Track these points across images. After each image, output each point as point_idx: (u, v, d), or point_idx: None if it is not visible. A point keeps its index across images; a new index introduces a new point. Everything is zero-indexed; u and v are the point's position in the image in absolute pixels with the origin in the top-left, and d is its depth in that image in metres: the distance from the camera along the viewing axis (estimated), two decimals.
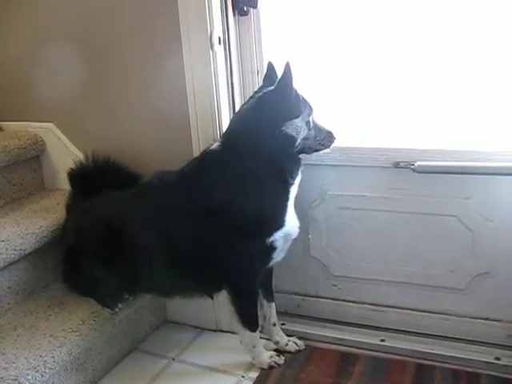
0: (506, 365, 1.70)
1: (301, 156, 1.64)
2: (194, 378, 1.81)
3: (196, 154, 1.78)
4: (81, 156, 2.00)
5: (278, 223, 1.62)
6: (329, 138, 1.67)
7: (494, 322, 1.78)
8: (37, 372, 1.51)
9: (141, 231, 1.68)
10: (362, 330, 1.93)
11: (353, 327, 1.95)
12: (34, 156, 2.13)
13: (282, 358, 1.81)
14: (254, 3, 1.78)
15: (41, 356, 1.55)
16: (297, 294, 2.05)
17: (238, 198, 1.56)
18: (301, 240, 1.84)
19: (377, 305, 1.93)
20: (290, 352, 1.85)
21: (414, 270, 1.84)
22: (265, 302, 1.84)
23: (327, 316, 2.00)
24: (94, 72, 1.98)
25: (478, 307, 1.79)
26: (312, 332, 1.95)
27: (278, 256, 1.69)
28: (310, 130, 1.62)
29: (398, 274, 1.87)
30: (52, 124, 2.12)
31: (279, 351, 1.85)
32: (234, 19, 1.81)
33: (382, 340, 1.87)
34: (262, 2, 1.79)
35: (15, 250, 1.72)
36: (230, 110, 1.85)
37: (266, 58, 1.80)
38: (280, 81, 1.56)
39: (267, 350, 1.84)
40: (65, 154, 2.10)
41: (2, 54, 2.16)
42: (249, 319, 1.73)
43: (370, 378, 1.71)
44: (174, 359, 1.90)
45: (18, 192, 2.10)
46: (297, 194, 1.68)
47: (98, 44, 1.94)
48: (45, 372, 1.53)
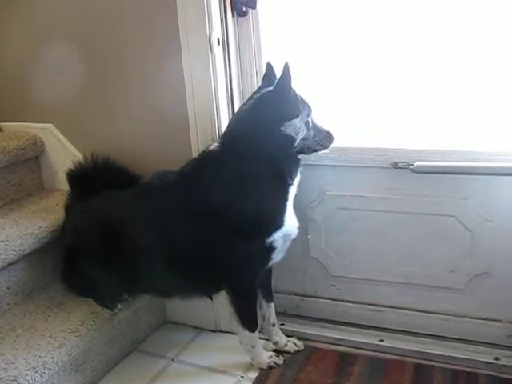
0: (505, 365, 1.71)
1: (300, 156, 1.64)
2: (194, 379, 1.81)
3: (195, 155, 1.78)
4: (80, 156, 2.00)
5: (277, 223, 1.62)
6: (328, 139, 1.67)
7: (493, 322, 1.78)
8: (36, 373, 1.51)
9: (140, 232, 1.69)
10: (361, 330, 1.93)
11: (352, 327, 1.95)
12: (33, 157, 2.13)
13: (282, 358, 1.81)
14: (252, 4, 1.78)
15: (40, 357, 1.55)
16: (296, 294, 2.05)
17: (237, 199, 1.56)
18: (300, 240, 1.84)
19: (376, 305, 1.93)
20: (289, 352, 1.85)
21: (412, 270, 1.85)
22: (264, 302, 1.84)
23: (326, 316, 2.00)
24: (93, 72, 1.98)
25: (477, 307, 1.79)
26: (311, 332, 1.95)
27: (277, 256, 1.69)
28: (308, 130, 1.62)
29: (396, 274, 1.87)
30: (51, 125, 2.12)
31: (278, 351, 1.85)
32: (233, 20, 1.82)
33: (381, 340, 1.87)
34: (261, 3, 1.79)
35: (14, 250, 1.72)
36: (228, 110, 1.85)
37: (265, 58, 1.80)
38: (279, 81, 1.56)
39: (266, 350, 1.84)
40: (64, 155, 2.10)
41: (1, 54, 2.16)
42: (248, 319, 1.73)
43: (369, 378, 1.71)
44: (173, 359, 1.90)
45: (17, 193, 2.10)
46: (296, 195, 1.68)
47: (97, 44, 1.94)
48: (44, 373, 1.53)
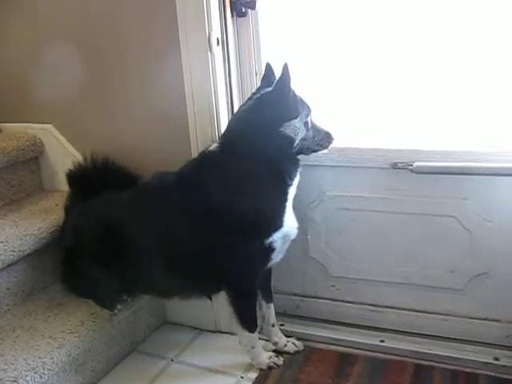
0: (504, 365, 1.70)
1: (299, 157, 1.64)
2: (193, 379, 1.81)
3: (194, 155, 1.78)
4: (79, 157, 2.00)
5: (277, 224, 1.62)
6: (327, 139, 1.67)
7: (493, 323, 1.78)
8: (36, 373, 1.51)
9: (140, 232, 1.69)
10: (361, 330, 1.93)
11: (351, 328, 1.95)
12: (32, 157, 2.13)
13: (281, 358, 1.81)
14: (252, 4, 1.78)
15: (40, 357, 1.55)
16: (296, 294, 2.05)
17: (236, 199, 1.56)
18: (299, 241, 1.84)
19: (375, 305, 1.93)
20: (288, 353, 1.85)
21: (412, 270, 1.85)
22: (264, 302, 1.84)
23: (326, 317, 2.00)
24: (92, 73, 1.98)
25: (476, 307, 1.79)
26: (311, 333, 1.95)
27: (276, 257, 1.69)
28: (308, 130, 1.62)
29: (396, 274, 1.87)
30: (51, 125, 2.12)
31: (278, 352, 1.85)
32: (233, 20, 1.82)
33: (381, 341, 1.87)
34: (261, 4, 1.79)
35: (14, 251, 1.72)
36: (228, 111, 1.85)
37: (264, 59, 1.80)
38: (278, 82, 1.56)
39: (266, 350, 1.84)
40: (63, 155, 2.10)
41: (0, 54, 2.16)
42: (248, 320, 1.73)
43: (369, 378, 1.71)
44: (173, 360, 1.90)
45: (16, 193, 2.10)
46: (295, 195, 1.68)
47: (97, 44, 1.95)
48: (44, 373, 1.53)
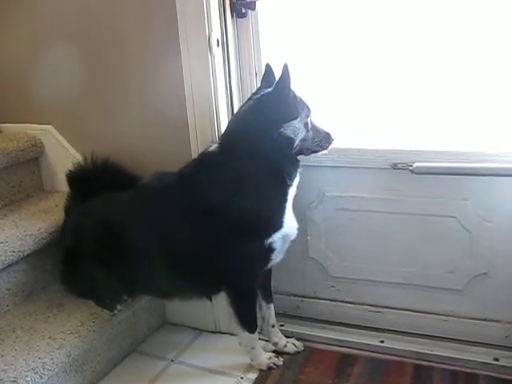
0: (504, 365, 1.70)
1: (299, 157, 1.64)
2: (193, 380, 1.81)
3: (194, 156, 1.78)
4: (79, 158, 2.00)
5: (277, 224, 1.62)
6: (327, 140, 1.67)
7: (493, 323, 1.78)
8: (36, 374, 1.51)
9: (140, 233, 1.69)
10: (361, 331, 1.93)
11: (351, 328, 1.95)
12: (32, 158, 2.13)
13: (281, 359, 1.81)
14: (252, 5, 1.78)
15: (40, 358, 1.55)
16: (295, 295, 2.05)
17: (236, 200, 1.56)
18: (299, 241, 1.84)
19: (375, 306, 1.93)
20: (288, 353, 1.85)
21: (412, 270, 1.85)
22: (263, 303, 1.84)
23: (326, 317, 2.00)
24: (92, 73, 1.98)
25: (476, 308, 1.79)
26: (311, 333, 1.95)
27: (276, 257, 1.69)
28: (308, 131, 1.62)
29: (396, 275, 1.87)
30: (51, 126, 2.12)
31: (278, 352, 1.85)
32: (233, 21, 1.82)
33: (381, 341, 1.87)
34: (260, 4, 1.79)
35: (14, 251, 1.72)
36: (228, 111, 1.85)
37: (264, 59, 1.80)
38: (278, 82, 1.56)
39: (266, 351, 1.84)
40: (63, 156, 2.10)
41: (0, 55, 2.16)
42: (247, 320, 1.73)
43: (369, 379, 1.71)
44: (172, 361, 1.90)
45: (16, 194, 2.10)
46: (295, 196, 1.68)
47: (97, 45, 1.95)
48: (44, 374, 1.53)
